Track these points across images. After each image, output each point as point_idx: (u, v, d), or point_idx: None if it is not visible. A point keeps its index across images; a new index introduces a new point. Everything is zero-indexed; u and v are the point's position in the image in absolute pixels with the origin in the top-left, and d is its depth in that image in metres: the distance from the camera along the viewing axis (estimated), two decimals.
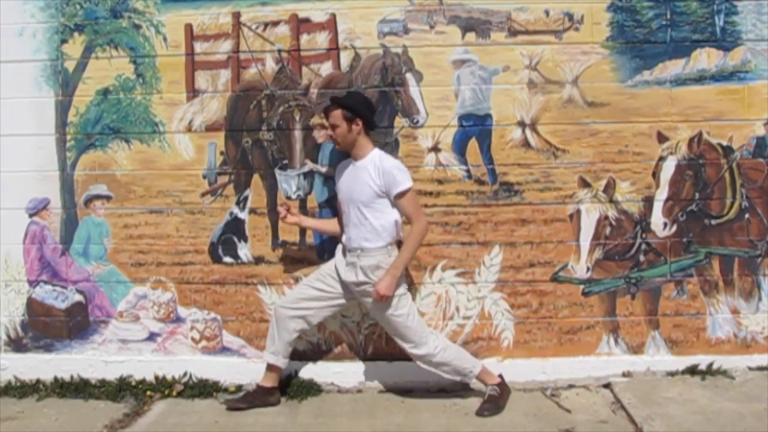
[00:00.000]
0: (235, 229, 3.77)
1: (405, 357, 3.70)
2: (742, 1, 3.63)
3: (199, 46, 3.72)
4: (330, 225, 3.59)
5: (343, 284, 3.39)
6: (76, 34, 3.75)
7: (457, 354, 3.40)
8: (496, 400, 3.36)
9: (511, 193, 3.69)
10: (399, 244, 3.36)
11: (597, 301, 3.72)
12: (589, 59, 3.64)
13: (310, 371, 3.73)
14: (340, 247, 3.46)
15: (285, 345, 3.43)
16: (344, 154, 3.47)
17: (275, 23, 3.70)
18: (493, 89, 3.66)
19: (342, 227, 3.44)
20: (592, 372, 3.67)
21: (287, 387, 3.61)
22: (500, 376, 3.46)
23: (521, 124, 3.66)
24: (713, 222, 3.68)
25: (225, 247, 3.77)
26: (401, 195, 3.25)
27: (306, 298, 3.42)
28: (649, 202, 3.68)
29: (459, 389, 3.57)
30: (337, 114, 3.28)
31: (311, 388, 3.65)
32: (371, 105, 3.42)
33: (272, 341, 3.44)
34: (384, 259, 3.29)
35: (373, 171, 3.28)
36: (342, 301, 3.43)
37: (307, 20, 3.69)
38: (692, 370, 3.65)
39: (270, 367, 3.48)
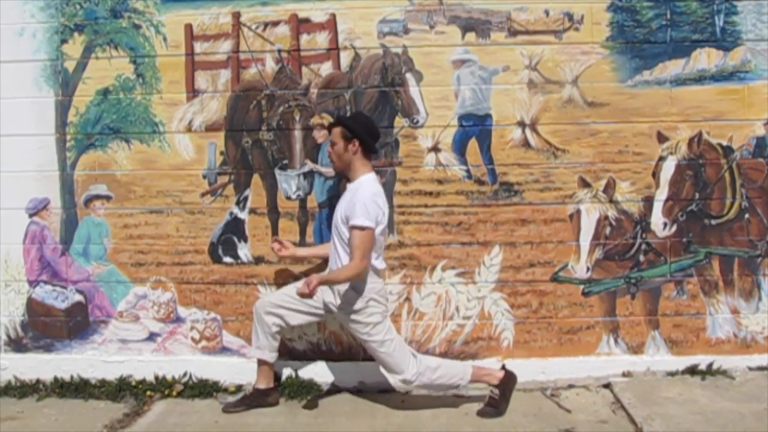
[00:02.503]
0: (235, 229, 3.77)
1: None
2: (742, 1, 3.63)
3: (199, 46, 3.72)
4: (323, 249, 3.53)
5: (320, 304, 3.35)
6: (76, 34, 3.75)
7: (438, 374, 3.28)
8: (496, 403, 3.34)
9: (511, 193, 3.69)
10: (376, 271, 3.27)
11: (597, 301, 3.72)
12: (589, 59, 3.64)
13: (310, 371, 3.73)
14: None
15: (268, 339, 3.40)
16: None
17: (275, 23, 3.70)
18: (493, 89, 3.66)
19: None
20: (592, 372, 3.67)
21: (287, 387, 3.61)
22: (503, 367, 3.43)
23: (521, 124, 3.67)
24: (713, 222, 3.68)
25: (225, 247, 3.77)
26: (354, 228, 3.11)
27: (289, 299, 3.37)
28: (649, 202, 3.68)
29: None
30: (337, 132, 3.25)
31: (311, 388, 3.65)
32: (374, 130, 3.31)
33: (256, 336, 3.44)
34: (358, 284, 3.21)
35: (349, 197, 3.22)
36: (321, 312, 3.37)
37: (307, 20, 3.69)
38: (692, 370, 3.65)
39: (261, 365, 3.47)
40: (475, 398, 3.47)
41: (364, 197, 3.14)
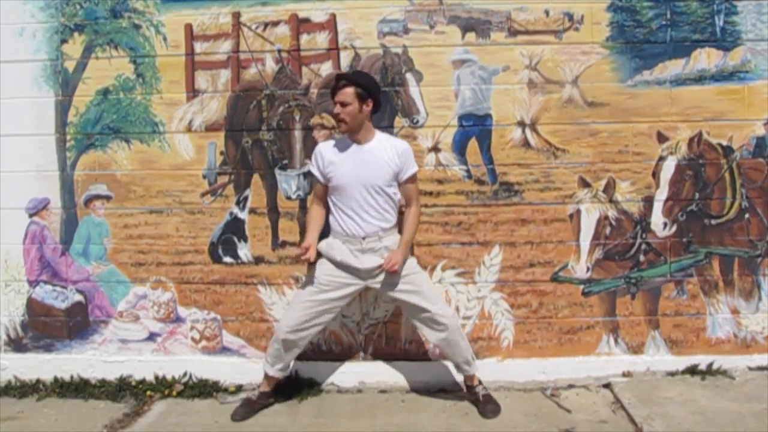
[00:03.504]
0: (235, 229, 3.77)
1: (405, 357, 3.72)
2: (742, 1, 3.63)
3: (199, 46, 3.72)
4: (319, 220, 3.42)
5: (351, 282, 3.28)
6: (76, 34, 3.75)
7: (464, 333, 3.42)
8: (493, 399, 3.37)
9: (511, 193, 3.69)
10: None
11: (597, 301, 3.72)
12: (589, 59, 3.64)
13: (310, 371, 3.73)
14: (335, 243, 3.31)
15: (293, 356, 3.41)
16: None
17: (275, 23, 3.70)
18: (493, 89, 3.66)
19: (337, 215, 3.32)
20: (592, 372, 3.67)
21: (287, 387, 3.61)
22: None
23: (521, 124, 3.67)
24: (713, 222, 3.68)
25: (225, 247, 3.77)
26: (413, 177, 3.32)
27: (313, 315, 3.30)
28: (649, 202, 3.68)
29: (459, 389, 3.57)
30: (350, 92, 3.20)
31: (311, 388, 3.64)
32: (380, 88, 3.41)
33: (279, 359, 3.36)
34: (398, 237, 3.34)
35: (390, 152, 3.26)
36: (344, 302, 3.37)
37: (307, 20, 3.69)
38: (692, 370, 3.65)
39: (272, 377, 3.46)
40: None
41: (408, 147, 3.35)
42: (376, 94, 3.30)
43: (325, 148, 3.36)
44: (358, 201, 3.26)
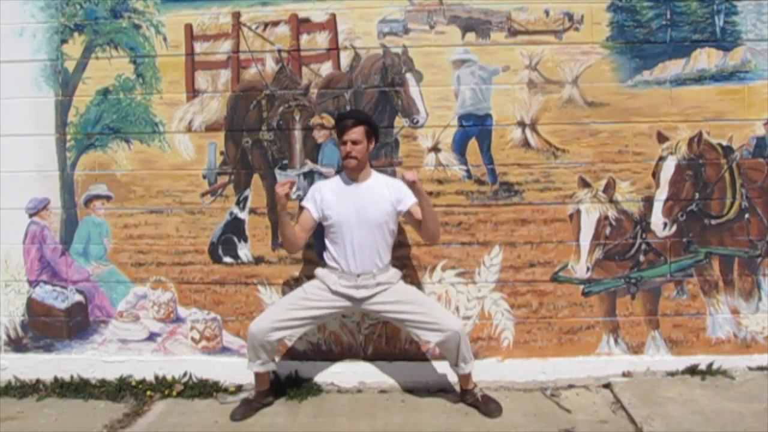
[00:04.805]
0: (235, 229, 3.77)
1: (405, 357, 3.72)
2: (742, 1, 3.63)
3: (199, 46, 3.73)
4: (292, 228, 3.39)
5: (339, 300, 3.31)
6: (76, 34, 3.75)
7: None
8: (493, 398, 3.37)
9: (511, 193, 3.69)
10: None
11: (597, 301, 3.72)
12: (589, 59, 3.64)
13: (310, 371, 3.73)
14: (331, 276, 3.33)
15: (271, 354, 3.38)
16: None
17: (275, 23, 3.70)
18: (493, 89, 3.66)
19: (333, 252, 3.34)
20: (592, 372, 3.67)
21: (287, 387, 3.61)
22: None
23: (521, 124, 3.67)
24: (713, 222, 3.68)
25: (225, 247, 3.77)
26: (414, 203, 3.30)
27: (286, 320, 3.29)
28: (649, 202, 3.68)
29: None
30: (362, 130, 3.26)
31: (311, 388, 3.64)
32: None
33: (256, 355, 3.34)
34: (391, 272, 3.38)
35: (386, 188, 3.33)
36: (324, 317, 3.39)
37: (307, 20, 3.69)
38: (692, 370, 3.65)
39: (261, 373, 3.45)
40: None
41: (400, 182, 3.34)
42: (378, 133, 3.39)
43: (325, 187, 3.41)
44: (356, 238, 3.29)
